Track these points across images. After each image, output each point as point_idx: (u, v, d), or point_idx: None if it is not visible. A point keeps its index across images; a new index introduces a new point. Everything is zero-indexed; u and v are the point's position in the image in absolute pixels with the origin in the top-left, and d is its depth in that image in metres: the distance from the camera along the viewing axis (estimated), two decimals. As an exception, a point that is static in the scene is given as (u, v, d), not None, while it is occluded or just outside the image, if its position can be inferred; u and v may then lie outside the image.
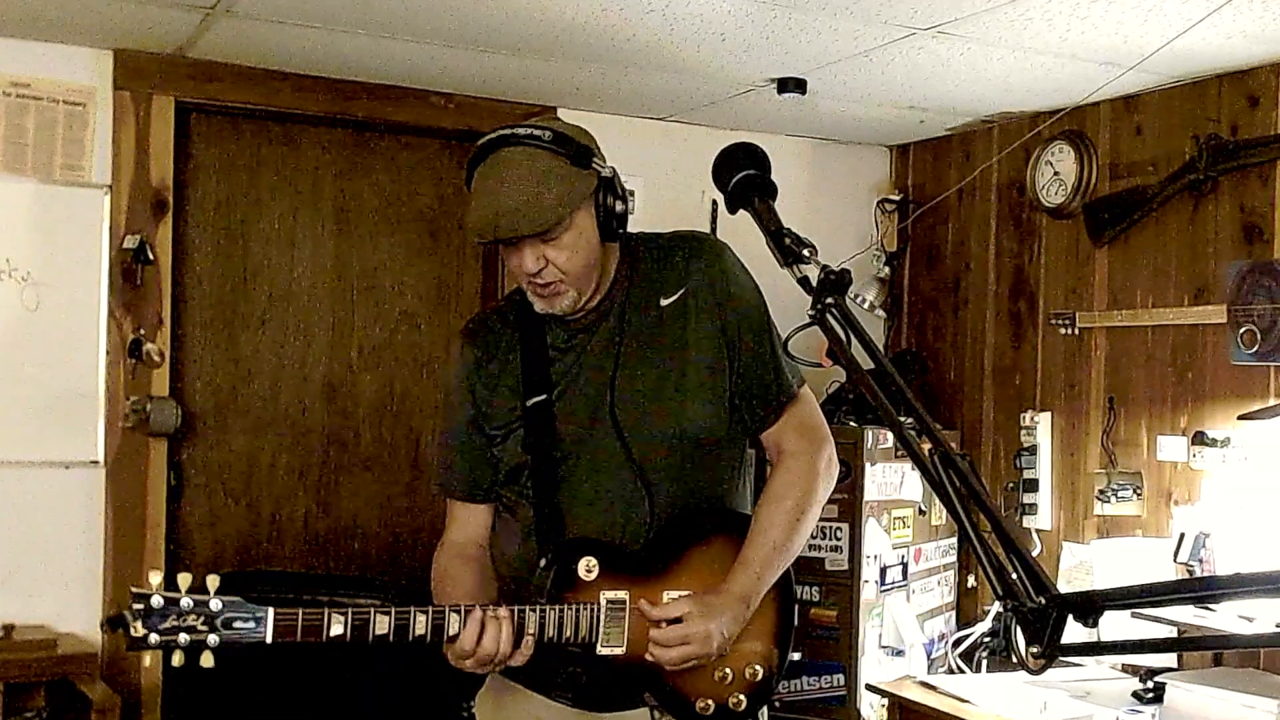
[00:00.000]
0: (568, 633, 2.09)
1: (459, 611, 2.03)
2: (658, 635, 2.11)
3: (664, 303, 2.26)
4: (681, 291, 2.26)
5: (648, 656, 2.12)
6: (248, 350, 3.96)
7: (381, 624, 1.99)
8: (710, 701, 2.18)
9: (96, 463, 3.59)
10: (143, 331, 3.62)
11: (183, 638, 1.90)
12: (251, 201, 3.97)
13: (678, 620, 2.11)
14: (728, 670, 2.19)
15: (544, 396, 2.23)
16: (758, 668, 2.23)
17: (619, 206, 2.21)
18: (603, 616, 2.11)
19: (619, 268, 2.28)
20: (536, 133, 2.13)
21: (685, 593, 2.16)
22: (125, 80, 3.61)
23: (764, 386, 2.27)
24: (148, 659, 1.92)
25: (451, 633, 2.03)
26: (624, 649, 2.13)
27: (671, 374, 2.23)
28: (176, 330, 3.78)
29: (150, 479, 3.64)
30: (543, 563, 2.15)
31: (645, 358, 2.24)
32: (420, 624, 2.01)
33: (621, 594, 2.13)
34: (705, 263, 2.28)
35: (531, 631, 2.07)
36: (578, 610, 2.10)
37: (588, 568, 2.13)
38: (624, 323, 2.26)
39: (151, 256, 3.62)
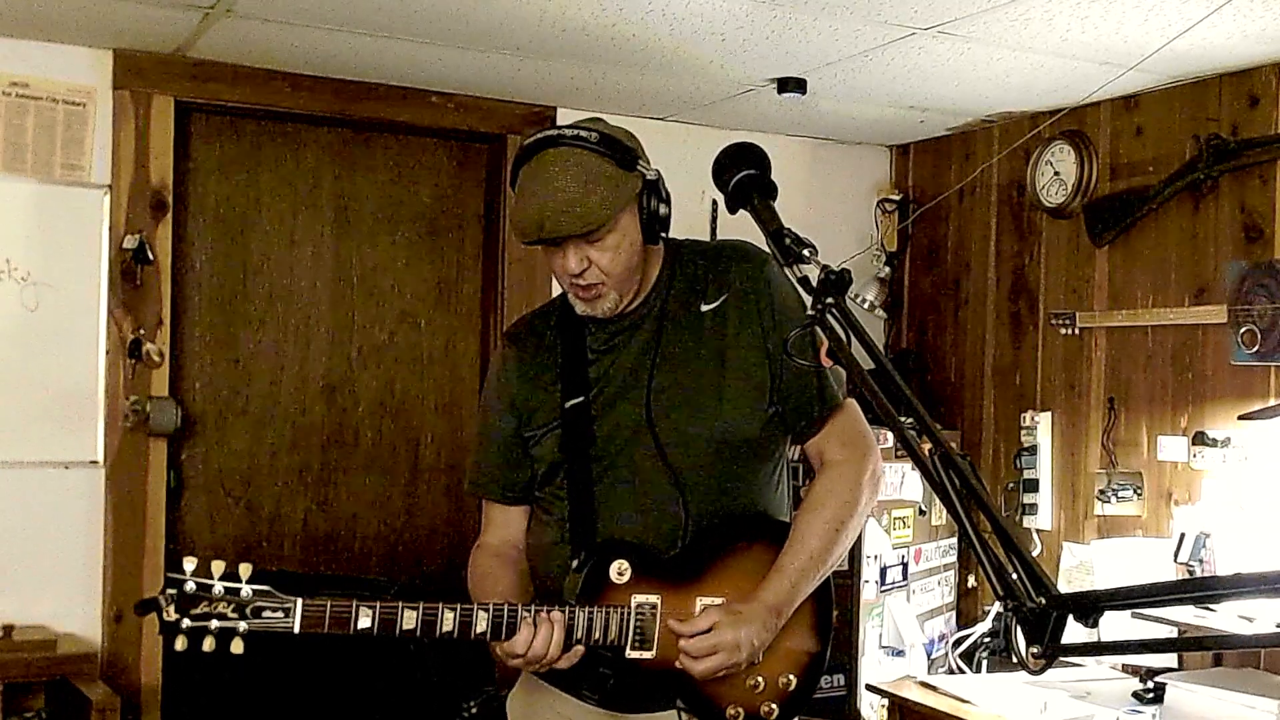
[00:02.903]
0: (596, 635, 2.09)
1: (487, 610, 2.04)
2: (686, 645, 2.10)
3: (704, 309, 2.25)
4: (722, 299, 2.26)
5: (677, 664, 2.11)
6: (248, 350, 3.96)
7: (409, 618, 2.00)
8: (741, 709, 2.17)
9: (96, 463, 3.59)
10: (142, 331, 3.62)
11: (214, 624, 1.92)
12: (251, 201, 3.97)
13: (707, 630, 2.10)
14: (760, 678, 2.18)
15: (581, 399, 2.22)
16: (791, 677, 2.21)
17: (662, 209, 2.21)
18: (632, 620, 2.11)
19: (661, 271, 2.28)
20: (583, 134, 2.13)
21: (717, 600, 2.15)
22: (125, 80, 3.61)
23: (808, 397, 2.26)
24: (180, 642, 1.92)
25: (479, 630, 2.03)
26: (654, 653, 2.12)
27: (708, 378, 2.22)
28: (176, 330, 3.78)
29: (150, 479, 3.64)
30: (574, 564, 2.15)
31: (683, 361, 2.23)
32: (448, 620, 2.02)
33: (653, 598, 2.13)
34: (748, 272, 2.27)
35: (580, 638, 2.07)
36: (607, 613, 2.10)
37: (619, 570, 2.13)
38: (663, 326, 2.25)
39: (151, 256, 3.62)
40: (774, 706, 2.19)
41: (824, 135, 4.52)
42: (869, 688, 3.73)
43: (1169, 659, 3.41)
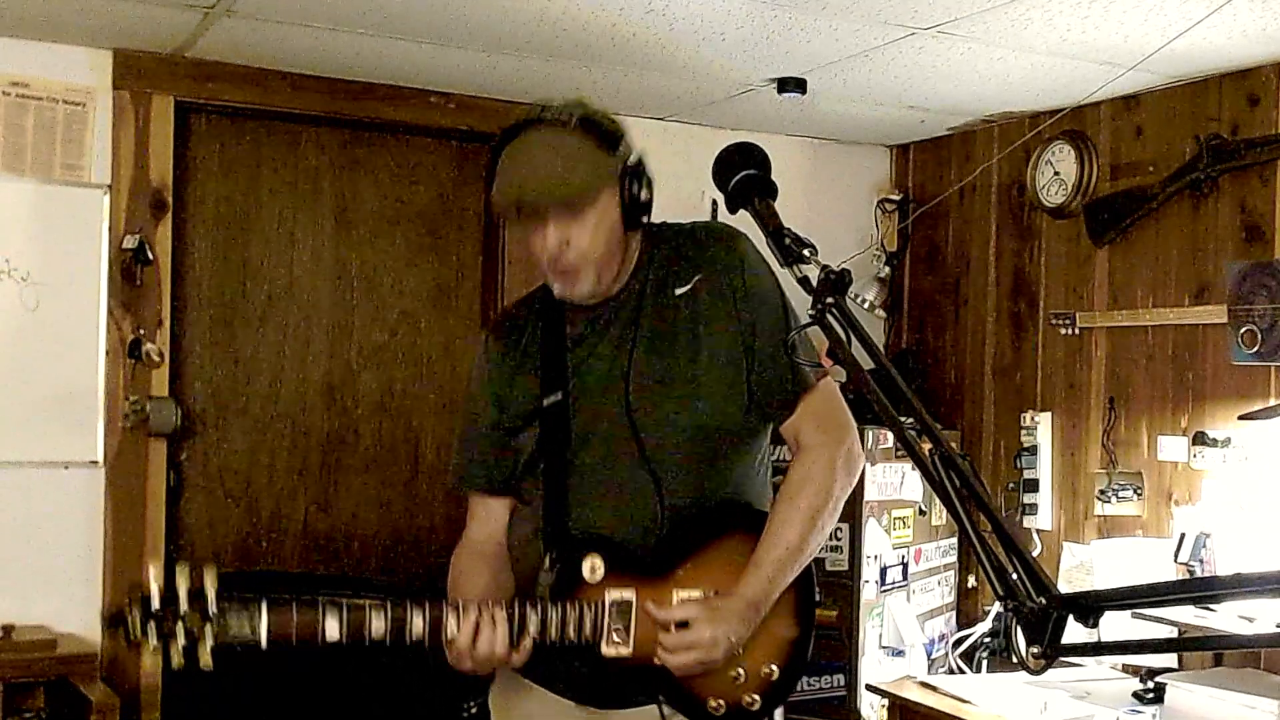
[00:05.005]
0: (570, 633, 2.07)
1: (457, 610, 2.02)
2: (664, 640, 2.09)
3: (678, 292, 2.23)
4: (695, 281, 2.23)
5: (655, 660, 2.10)
6: (248, 350, 3.96)
7: (377, 625, 1.98)
8: (723, 701, 2.15)
9: (96, 463, 3.59)
10: (142, 331, 3.62)
11: (180, 638, 1.90)
12: (251, 201, 3.97)
13: (684, 624, 2.09)
14: (741, 670, 2.16)
15: (559, 394, 2.21)
16: (774, 667, 2.20)
17: (644, 195, 2.18)
18: (606, 618, 2.09)
19: (640, 257, 2.25)
20: (564, 115, 2.13)
21: (696, 593, 2.14)
22: (125, 80, 3.61)
23: (780, 377, 2.22)
24: (148, 661, 1.92)
25: (450, 632, 2.02)
26: (631, 649, 2.10)
27: (685, 365, 2.20)
28: (176, 330, 3.78)
29: (150, 479, 3.64)
30: (547, 563, 2.13)
31: (659, 349, 2.21)
32: (418, 623, 2.00)
33: (628, 594, 2.11)
34: (719, 251, 2.25)
35: (532, 633, 2.05)
36: (581, 610, 2.08)
37: (592, 568, 2.11)
38: (640, 313, 2.23)
39: (151, 256, 3.62)
40: (756, 697, 2.18)
41: (824, 135, 4.52)
42: (869, 688, 3.73)
43: (1169, 659, 3.41)
